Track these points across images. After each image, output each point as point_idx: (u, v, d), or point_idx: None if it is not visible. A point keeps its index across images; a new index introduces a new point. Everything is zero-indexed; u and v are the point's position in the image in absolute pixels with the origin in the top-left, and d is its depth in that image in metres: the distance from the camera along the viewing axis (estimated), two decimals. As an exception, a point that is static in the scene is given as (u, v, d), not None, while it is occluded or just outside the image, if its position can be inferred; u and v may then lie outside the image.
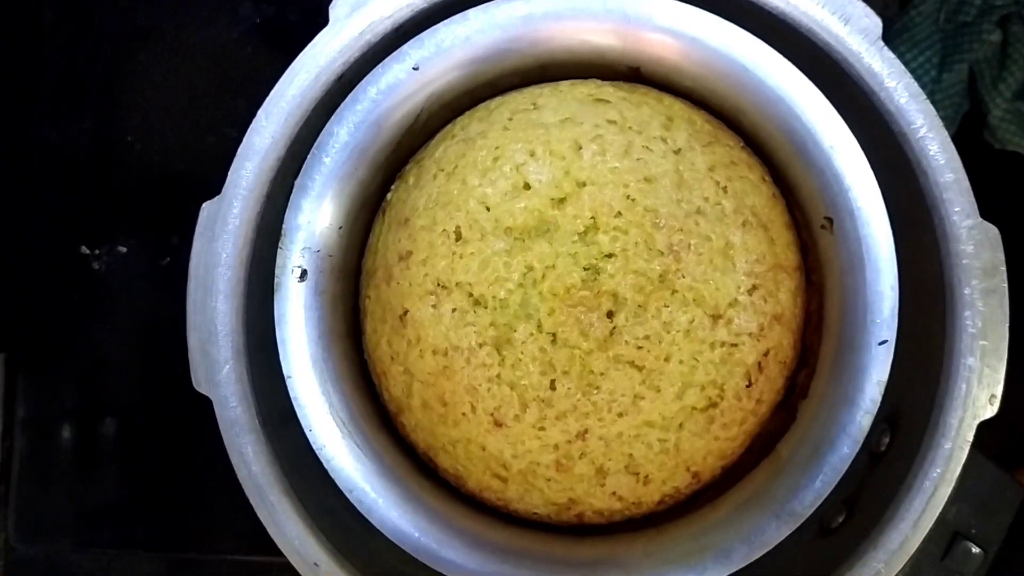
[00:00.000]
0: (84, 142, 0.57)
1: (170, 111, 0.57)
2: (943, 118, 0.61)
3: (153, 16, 0.57)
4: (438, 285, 0.35)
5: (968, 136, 0.63)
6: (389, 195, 0.39)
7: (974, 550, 0.36)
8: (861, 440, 0.34)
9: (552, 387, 0.35)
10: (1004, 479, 0.37)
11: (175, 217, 0.52)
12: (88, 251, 0.56)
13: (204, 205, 0.35)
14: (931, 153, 0.34)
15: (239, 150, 0.35)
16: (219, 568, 0.57)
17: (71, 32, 0.57)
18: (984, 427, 0.34)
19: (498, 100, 0.38)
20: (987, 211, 0.34)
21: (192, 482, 0.56)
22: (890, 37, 0.61)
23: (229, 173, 0.35)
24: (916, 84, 0.35)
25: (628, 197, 0.35)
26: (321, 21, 0.35)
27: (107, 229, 0.56)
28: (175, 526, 0.57)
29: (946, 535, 0.36)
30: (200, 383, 0.34)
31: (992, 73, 0.60)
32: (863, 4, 0.35)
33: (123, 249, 0.56)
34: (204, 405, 0.35)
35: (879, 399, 0.34)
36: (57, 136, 0.57)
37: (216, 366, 0.34)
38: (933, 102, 0.60)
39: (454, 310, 0.35)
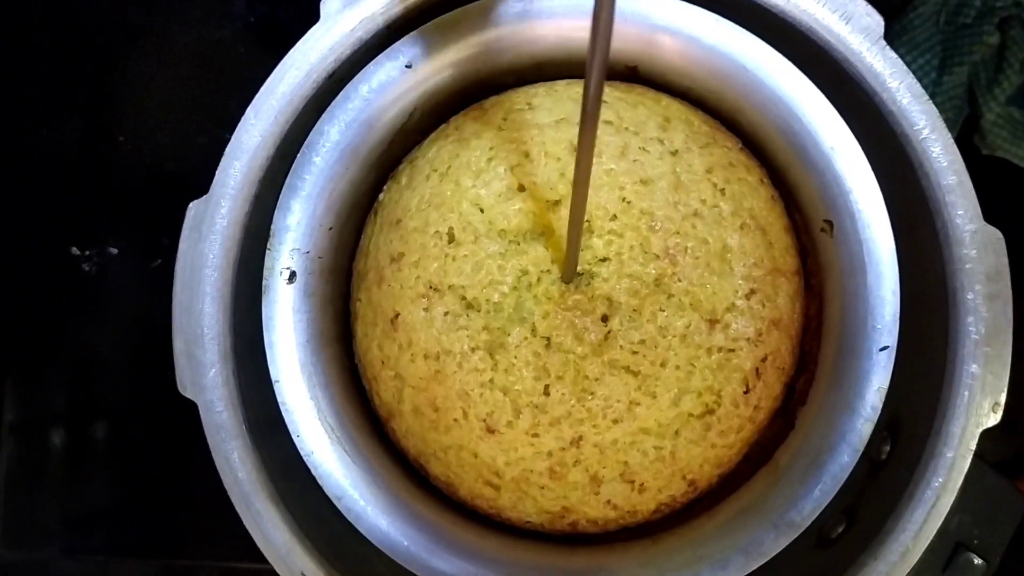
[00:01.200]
0: (74, 142, 0.56)
1: (162, 111, 0.56)
2: (944, 121, 0.60)
3: (145, 15, 0.56)
4: (430, 288, 0.35)
5: (969, 141, 0.62)
6: (381, 195, 0.38)
7: (976, 561, 0.35)
8: (861, 448, 0.33)
9: (546, 393, 0.34)
10: (1007, 488, 0.36)
11: (166, 218, 0.51)
12: (78, 252, 0.55)
13: (191, 205, 0.34)
14: (934, 155, 0.33)
15: (227, 148, 0.34)
16: (210, 574, 0.56)
17: (62, 31, 0.57)
18: (986, 435, 0.33)
19: (493, 99, 0.38)
20: (987, 217, 0.34)
21: (183, 487, 0.55)
22: (889, 39, 0.61)
23: (217, 172, 0.34)
24: (919, 84, 0.34)
25: (624, 199, 0.34)
26: (314, 20, 0.35)
27: (97, 230, 0.55)
28: (166, 532, 0.56)
29: (948, 545, 0.35)
30: (185, 387, 0.33)
31: (988, 76, 0.59)
32: (864, 3, 0.34)
33: (114, 250, 0.55)
34: (195, 409, 0.34)
35: (880, 406, 0.33)
36: (47, 135, 0.56)
37: (202, 370, 0.33)
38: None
39: (446, 313, 0.34)
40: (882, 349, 0.33)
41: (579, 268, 0.34)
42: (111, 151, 0.56)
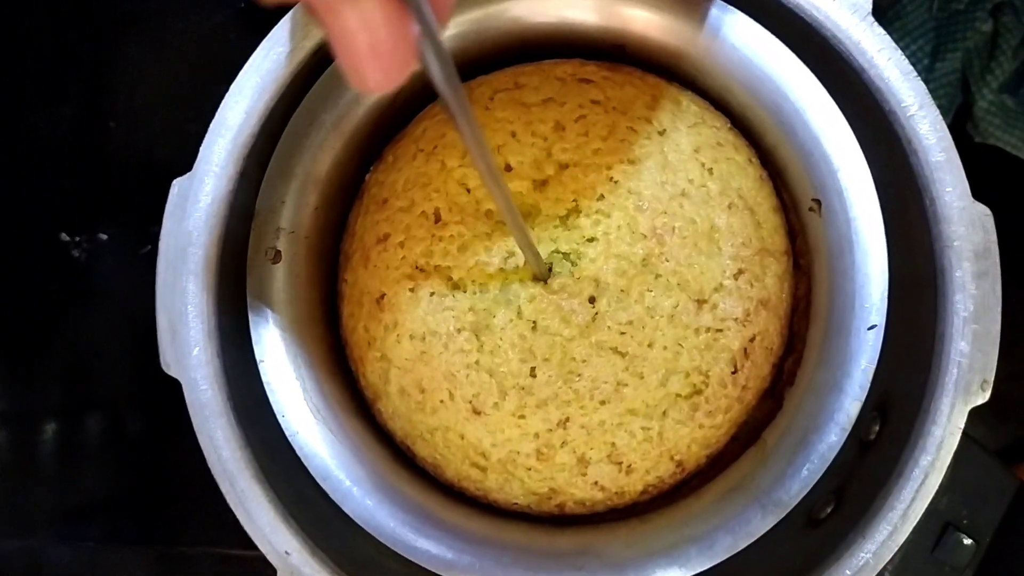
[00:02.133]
0: (66, 128, 0.56)
1: (153, 97, 0.56)
2: (937, 108, 0.60)
3: (137, 1, 0.56)
4: (416, 268, 0.34)
5: (962, 128, 0.62)
6: (368, 175, 0.38)
7: (966, 541, 0.35)
8: (849, 427, 0.33)
9: (532, 374, 0.34)
10: (997, 468, 0.36)
11: (157, 205, 0.51)
12: (68, 238, 0.55)
13: (175, 182, 0.34)
14: (922, 132, 0.33)
15: (211, 125, 0.34)
16: (205, 561, 0.56)
17: (55, 17, 0.56)
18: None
19: (480, 79, 0.37)
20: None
21: (177, 475, 0.55)
22: (882, 25, 0.60)
23: (201, 149, 0.34)
24: (907, 61, 0.34)
25: (611, 179, 0.34)
26: (304, 3, 0.34)
27: (88, 216, 0.55)
28: (161, 519, 0.56)
29: (937, 526, 0.35)
30: (169, 365, 0.33)
31: (981, 63, 0.59)
32: (853, -20, 0.34)
33: (104, 236, 0.55)
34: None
35: (868, 385, 0.33)
36: (39, 121, 0.56)
37: (186, 348, 0.33)
38: (927, 91, 0.59)
39: (432, 294, 0.34)
40: (870, 328, 0.33)
41: (567, 248, 0.34)
42: (102, 137, 0.55)
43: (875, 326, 0.33)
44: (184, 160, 0.35)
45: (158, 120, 0.55)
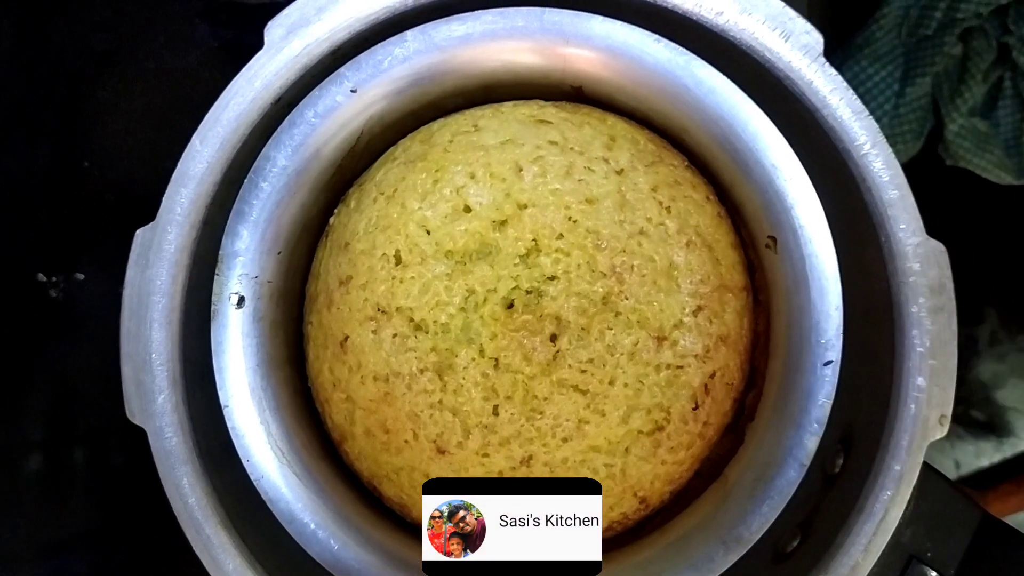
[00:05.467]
0: (40, 167, 0.56)
1: (128, 137, 0.56)
2: (907, 132, 0.61)
3: (111, 41, 0.57)
4: (378, 310, 0.35)
5: (933, 152, 0.63)
6: (332, 219, 0.38)
7: (931, 574, 0.35)
8: (808, 463, 0.33)
9: (495, 412, 0.34)
10: (960, 499, 0.36)
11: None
12: (45, 279, 0.55)
13: (137, 232, 0.34)
14: (875, 170, 0.34)
15: (174, 175, 0.35)
16: (189, 596, 0.56)
17: (28, 57, 0.57)
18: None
19: (440, 122, 0.38)
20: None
21: (164, 508, 0.55)
22: (851, 51, 0.61)
23: (163, 199, 0.34)
24: (859, 101, 0.34)
25: (570, 219, 0.34)
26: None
27: (64, 256, 0.56)
28: (147, 553, 0.56)
29: (901, 558, 0.35)
30: (134, 414, 0.33)
31: (951, 87, 0.60)
32: (804, 20, 0.35)
33: (80, 276, 0.55)
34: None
35: (825, 421, 0.33)
36: (13, 162, 0.56)
37: (150, 396, 0.33)
38: (896, 116, 0.60)
39: (395, 335, 0.34)
40: (826, 364, 0.33)
41: (528, 286, 0.34)
42: (77, 177, 0.56)
43: (831, 362, 0.33)
44: (159, 199, 0.35)
45: (133, 159, 0.56)
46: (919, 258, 0.33)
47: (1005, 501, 0.57)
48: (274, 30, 0.35)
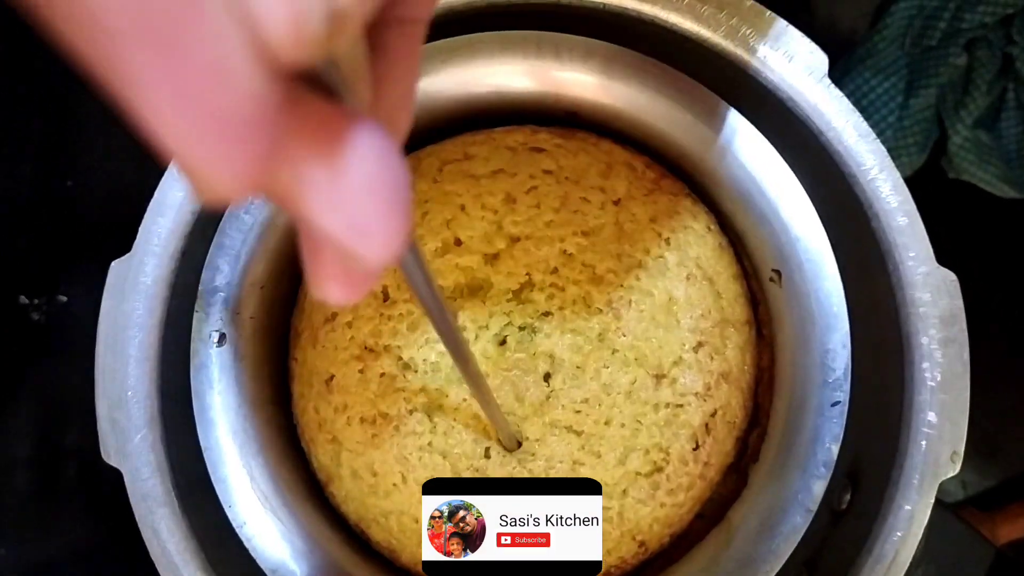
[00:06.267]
0: (25, 188, 0.55)
1: (112, 157, 0.55)
2: (911, 144, 0.59)
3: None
4: (365, 349, 0.33)
5: (937, 164, 0.61)
6: (317, 250, 0.37)
7: (943, 615, 0.34)
8: (815, 508, 0.31)
9: (487, 455, 0.32)
10: (972, 537, 0.35)
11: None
12: (27, 301, 0.54)
13: (113, 264, 0.33)
14: (883, 195, 0.32)
15: (151, 204, 0.33)
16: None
17: (13, 76, 0.55)
18: (968, 465, 0.32)
19: (428, 149, 0.36)
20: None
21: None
22: (854, 63, 0.60)
23: (140, 229, 0.33)
24: (865, 124, 0.33)
25: (564, 252, 0.33)
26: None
27: (46, 278, 0.54)
28: (140, 568, 0.55)
29: (912, 601, 0.34)
30: (109, 455, 0.32)
31: (955, 99, 0.58)
32: (808, 40, 0.33)
33: (63, 298, 0.54)
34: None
35: (833, 464, 0.31)
36: (-5, 182, 0.55)
37: (126, 435, 0.32)
38: (900, 128, 0.59)
39: (382, 375, 0.33)
40: (834, 404, 0.32)
41: (521, 322, 0.33)
42: (61, 198, 0.54)
43: (839, 402, 0.32)
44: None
45: (116, 180, 0.54)
46: (929, 288, 0.32)
47: (1014, 523, 0.56)
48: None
